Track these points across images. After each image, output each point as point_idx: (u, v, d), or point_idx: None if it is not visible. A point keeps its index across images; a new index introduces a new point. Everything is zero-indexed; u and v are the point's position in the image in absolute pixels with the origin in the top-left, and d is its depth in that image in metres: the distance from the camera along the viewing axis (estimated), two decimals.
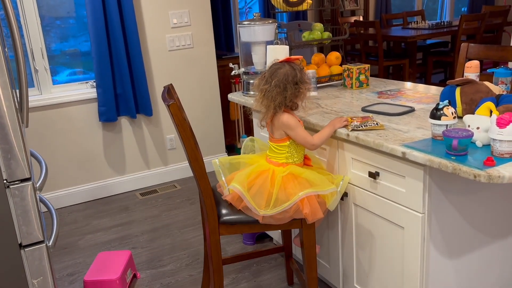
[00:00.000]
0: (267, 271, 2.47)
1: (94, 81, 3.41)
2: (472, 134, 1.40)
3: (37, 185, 1.58)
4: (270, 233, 2.65)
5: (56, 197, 3.41)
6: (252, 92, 2.42)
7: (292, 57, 1.80)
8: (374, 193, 1.73)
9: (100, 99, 3.37)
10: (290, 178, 1.74)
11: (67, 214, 3.34)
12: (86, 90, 3.46)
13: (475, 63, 1.96)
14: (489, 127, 1.39)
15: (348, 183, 1.83)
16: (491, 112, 1.48)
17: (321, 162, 1.96)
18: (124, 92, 3.43)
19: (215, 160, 1.92)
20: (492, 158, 1.32)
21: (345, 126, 1.77)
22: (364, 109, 1.99)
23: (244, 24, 2.39)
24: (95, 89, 3.39)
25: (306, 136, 1.77)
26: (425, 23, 5.96)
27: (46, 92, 3.36)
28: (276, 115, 1.77)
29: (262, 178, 1.75)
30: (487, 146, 1.44)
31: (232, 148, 4.28)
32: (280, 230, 2.41)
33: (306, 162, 1.85)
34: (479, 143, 1.45)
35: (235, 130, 4.23)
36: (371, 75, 2.54)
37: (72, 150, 3.44)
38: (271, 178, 1.74)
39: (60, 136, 3.38)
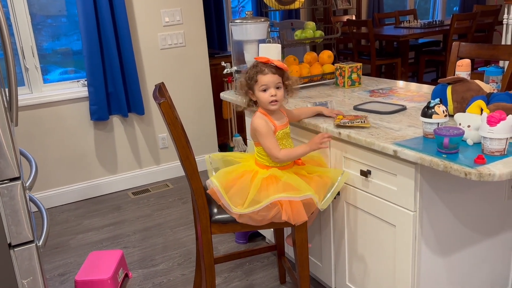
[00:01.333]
0: (259, 269, 2.47)
1: (85, 80, 3.39)
2: (463, 132, 1.41)
3: (26, 184, 1.56)
4: (262, 232, 2.65)
5: (47, 197, 3.38)
6: None
7: (262, 57, 1.77)
8: (366, 192, 1.73)
9: (91, 97, 3.35)
10: (271, 180, 1.72)
11: (58, 214, 3.32)
12: (77, 88, 3.43)
13: (466, 61, 1.97)
14: (480, 125, 1.39)
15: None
16: (481, 110, 1.49)
17: (321, 156, 1.91)
18: (115, 91, 3.42)
19: (207, 156, 1.92)
20: (482, 156, 1.33)
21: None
22: (356, 108, 2.00)
23: (236, 22, 2.39)
24: (86, 88, 3.36)
25: (272, 147, 1.71)
26: (417, 22, 5.99)
27: (36, 90, 3.33)
28: (253, 117, 1.77)
29: (244, 178, 1.74)
30: (477, 144, 1.44)
31: (224, 147, 4.27)
32: (272, 229, 2.41)
33: (296, 161, 1.84)
34: (470, 141, 1.46)
35: (228, 129, 4.22)
36: (363, 74, 2.54)
37: (63, 149, 3.41)
38: (251, 179, 1.73)
39: (51, 135, 3.36)
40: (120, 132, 3.59)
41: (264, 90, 1.72)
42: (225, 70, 2.50)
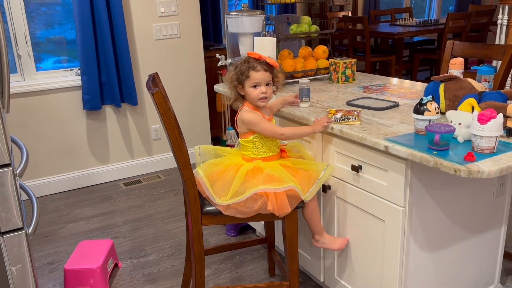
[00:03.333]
0: (249, 262, 2.48)
1: (78, 69, 3.37)
2: (454, 130, 1.42)
3: (17, 172, 1.55)
4: (253, 224, 2.66)
5: (38, 185, 3.36)
6: None
7: (253, 53, 1.78)
8: (357, 186, 1.74)
9: (84, 87, 3.33)
10: (255, 172, 1.74)
11: (49, 203, 3.31)
12: (70, 77, 3.41)
13: (460, 60, 1.98)
14: (471, 123, 1.41)
15: (331, 176, 1.84)
16: (473, 108, 1.50)
17: (304, 148, 1.94)
18: (109, 81, 3.40)
19: (197, 146, 1.93)
20: (472, 153, 1.34)
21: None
22: (349, 103, 2.00)
23: (232, 14, 2.38)
24: (79, 77, 3.34)
25: (272, 127, 1.77)
26: (412, 20, 6.00)
27: (29, 78, 3.30)
28: (240, 112, 1.79)
29: (229, 171, 1.75)
30: (468, 141, 1.46)
31: (217, 140, 4.27)
32: (263, 222, 2.42)
33: (282, 154, 1.85)
34: (460, 139, 1.47)
35: (221, 121, 4.22)
36: (358, 71, 2.55)
37: (55, 138, 3.40)
38: (236, 171, 1.74)
39: (43, 124, 3.34)
40: (112, 122, 3.58)
41: (255, 86, 1.74)
42: (220, 63, 2.50)
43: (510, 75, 2.94)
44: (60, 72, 3.43)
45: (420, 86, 2.28)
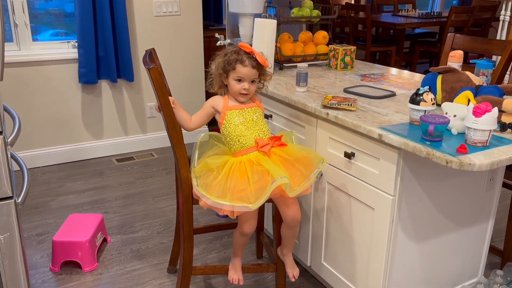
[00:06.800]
0: None
1: (75, 41, 3.33)
2: (449, 121, 1.42)
3: (8, 140, 1.54)
4: None
5: (30, 157, 3.35)
6: None
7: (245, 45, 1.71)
8: (348, 173, 1.74)
9: (81, 60, 3.29)
10: (242, 170, 1.66)
11: (40, 175, 3.30)
12: (67, 49, 3.37)
13: (459, 53, 1.97)
14: (466, 115, 1.41)
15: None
16: (469, 101, 1.50)
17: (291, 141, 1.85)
18: (106, 55, 3.36)
19: (205, 133, 1.91)
20: (465, 145, 1.34)
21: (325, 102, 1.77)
22: (346, 90, 2.00)
23: None
24: (76, 50, 3.30)
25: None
26: (415, 11, 5.96)
27: (25, 48, 3.26)
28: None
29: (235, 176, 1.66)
30: (462, 134, 1.46)
31: (212, 122, 4.25)
32: None
33: (274, 144, 1.72)
34: (454, 131, 1.47)
35: None
36: (358, 60, 2.54)
37: (49, 110, 3.37)
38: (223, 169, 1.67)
39: (38, 95, 3.30)
40: (108, 98, 3.55)
41: (238, 80, 1.70)
42: (218, 42, 2.47)
43: (508, 71, 2.94)
44: (57, 44, 3.39)
45: (418, 77, 2.28)
